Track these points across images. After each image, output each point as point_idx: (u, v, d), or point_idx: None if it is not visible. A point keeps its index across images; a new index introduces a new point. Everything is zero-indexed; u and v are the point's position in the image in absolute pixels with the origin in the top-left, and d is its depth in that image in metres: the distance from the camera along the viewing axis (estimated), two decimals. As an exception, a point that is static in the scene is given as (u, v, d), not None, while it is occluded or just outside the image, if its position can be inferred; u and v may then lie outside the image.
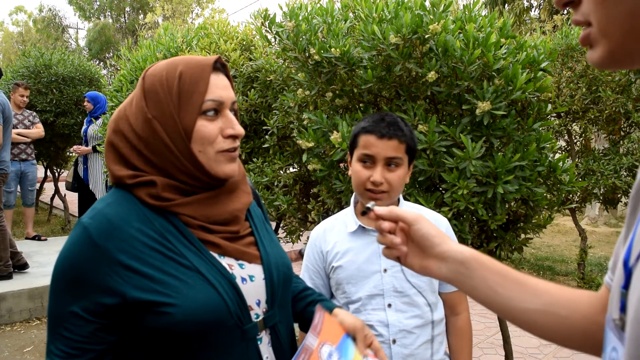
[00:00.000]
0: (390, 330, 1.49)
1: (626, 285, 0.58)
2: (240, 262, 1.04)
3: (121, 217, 0.95)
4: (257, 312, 1.03)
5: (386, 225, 0.89)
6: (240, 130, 1.02)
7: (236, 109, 1.06)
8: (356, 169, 1.51)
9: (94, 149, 5.98)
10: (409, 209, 1.59)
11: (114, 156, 1.01)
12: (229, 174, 1.02)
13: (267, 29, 2.61)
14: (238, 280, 1.00)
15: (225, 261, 1.01)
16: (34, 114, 6.20)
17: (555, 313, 0.79)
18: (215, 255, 1.00)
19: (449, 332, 1.63)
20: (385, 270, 1.51)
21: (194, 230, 0.99)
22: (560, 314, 0.79)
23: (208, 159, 0.99)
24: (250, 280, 1.03)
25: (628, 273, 0.58)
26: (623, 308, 0.57)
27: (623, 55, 0.57)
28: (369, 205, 0.91)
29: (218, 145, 0.99)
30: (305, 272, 1.64)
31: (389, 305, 1.50)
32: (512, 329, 3.33)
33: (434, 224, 0.89)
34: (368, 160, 1.48)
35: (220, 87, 1.01)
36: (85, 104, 6.29)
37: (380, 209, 0.89)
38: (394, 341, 1.49)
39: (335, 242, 1.57)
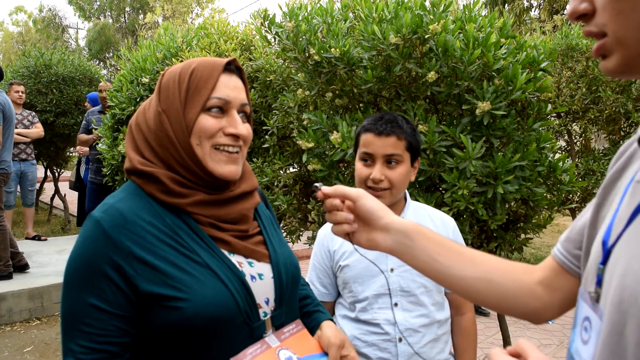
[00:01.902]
0: (397, 329, 1.49)
1: (604, 262, 0.64)
2: (249, 260, 1.05)
3: (133, 211, 0.96)
4: (266, 310, 1.03)
5: (337, 201, 0.93)
6: (241, 130, 1.02)
7: (247, 112, 1.07)
8: (357, 168, 1.52)
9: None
10: (415, 209, 1.60)
11: (131, 144, 1.05)
12: (226, 175, 1.02)
13: (267, 29, 2.61)
14: (248, 278, 1.01)
15: (234, 259, 1.02)
16: (33, 113, 6.20)
17: (490, 280, 0.86)
18: (225, 252, 1.01)
19: (453, 332, 1.64)
20: (392, 270, 1.51)
21: (204, 227, 1.00)
22: (496, 281, 0.86)
23: (204, 153, 1.00)
24: (260, 279, 1.04)
25: (607, 251, 0.64)
26: (599, 282, 0.64)
27: (638, 63, 0.59)
28: (317, 184, 0.94)
29: (215, 140, 1.00)
30: (313, 271, 1.64)
31: (396, 305, 1.51)
32: (512, 329, 3.33)
33: (428, 214, 0.91)
34: (368, 159, 1.49)
35: (229, 87, 1.02)
36: (86, 104, 6.30)
37: (326, 188, 0.93)
38: (400, 340, 1.49)
39: (342, 241, 1.57)
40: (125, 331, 0.93)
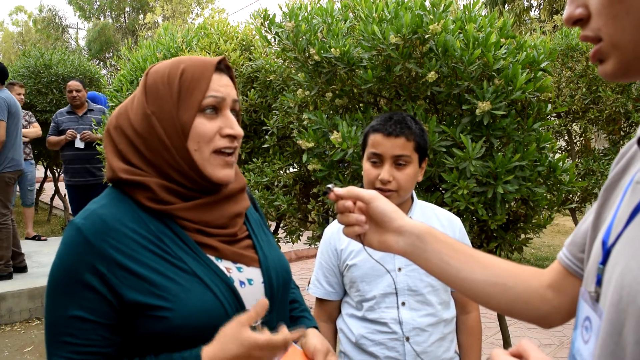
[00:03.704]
0: (404, 328, 1.49)
1: (604, 262, 0.64)
2: (238, 265, 1.02)
3: (116, 218, 0.93)
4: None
5: (349, 203, 0.92)
6: (239, 130, 1.00)
7: (237, 110, 1.04)
8: (365, 168, 1.52)
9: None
10: (422, 208, 1.60)
11: (112, 150, 1.00)
12: (222, 179, 0.99)
13: (267, 29, 2.61)
14: (236, 284, 0.98)
15: (222, 264, 0.99)
16: (30, 113, 6.19)
17: (502, 284, 0.86)
18: (213, 258, 0.98)
19: (459, 330, 1.64)
20: (399, 269, 1.51)
21: (190, 233, 0.97)
22: (507, 285, 0.87)
23: (202, 158, 0.97)
24: (249, 284, 1.01)
25: (607, 251, 0.64)
26: (599, 282, 0.64)
27: (635, 66, 0.59)
28: (329, 186, 0.93)
29: (214, 143, 0.98)
30: (319, 270, 1.64)
31: (403, 304, 1.51)
32: (512, 329, 3.33)
33: (435, 213, 0.89)
34: (377, 159, 1.49)
35: (221, 85, 0.99)
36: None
37: (339, 189, 0.92)
38: (408, 339, 1.49)
39: (349, 240, 1.56)
40: (110, 340, 0.90)
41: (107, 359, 0.91)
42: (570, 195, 4.75)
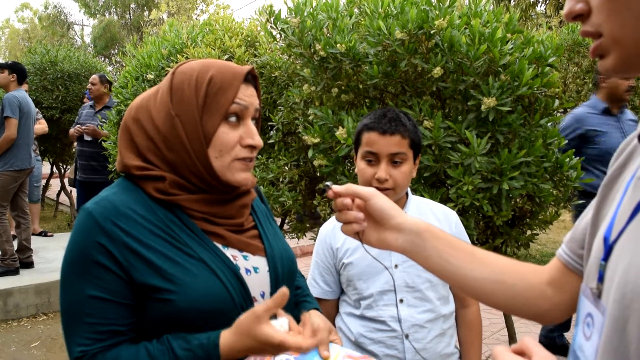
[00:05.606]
0: (403, 325, 1.48)
1: (605, 258, 0.63)
2: (244, 253, 1.04)
3: (125, 204, 0.95)
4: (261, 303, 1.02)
5: (347, 201, 0.91)
6: (259, 141, 1.02)
7: (258, 118, 1.06)
8: (361, 167, 1.51)
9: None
10: (417, 204, 1.59)
11: (127, 143, 1.01)
12: (241, 182, 1.02)
13: (272, 25, 2.60)
14: (242, 272, 1.00)
15: (229, 252, 1.01)
16: (37, 110, 6.21)
17: (502, 281, 0.86)
18: (219, 246, 1.01)
19: (459, 325, 1.63)
20: (396, 266, 1.51)
21: (197, 221, 1.00)
22: (507, 282, 0.86)
23: (222, 165, 0.99)
24: (255, 272, 1.03)
25: (608, 247, 0.63)
26: (601, 278, 0.64)
27: (635, 61, 0.59)
28: (328, 183, 0.92)
29: (234, 153, 0.99)
30: (315, 269, 1.63)
31: (401, 301, 1.50)
32: (518, 325, 3.33)
33: (430, 209, 0.87)
34: (372, 158, 1.48)
35: (246, 95, 1.01)
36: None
37: (337, 187, 0.91)
38: (407, 336, 1.48)
39: (345, 238, 1.55)
40: (127, 319, 0.93)
41: (125, 337, 0.92)
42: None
